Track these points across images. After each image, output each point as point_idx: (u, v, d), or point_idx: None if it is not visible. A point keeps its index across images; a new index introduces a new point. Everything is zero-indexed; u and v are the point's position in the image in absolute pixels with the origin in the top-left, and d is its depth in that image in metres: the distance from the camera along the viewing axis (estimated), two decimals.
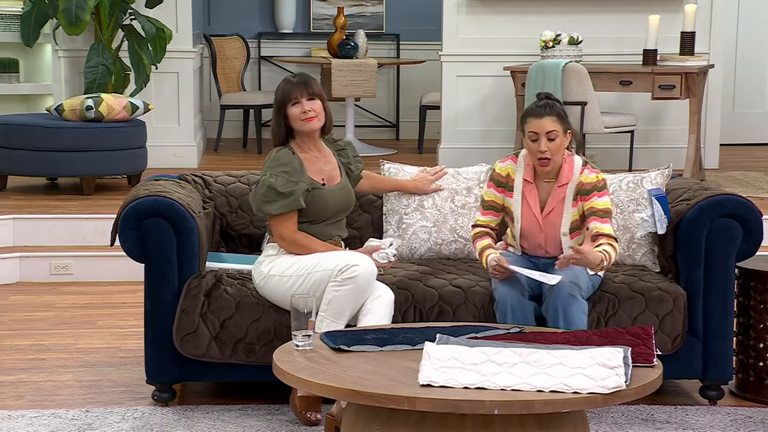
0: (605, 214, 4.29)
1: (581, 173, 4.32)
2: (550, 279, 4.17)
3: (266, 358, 4.23)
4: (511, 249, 4.47)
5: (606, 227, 4.28)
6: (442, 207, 4.76)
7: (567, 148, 4.35)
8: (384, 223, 4.80)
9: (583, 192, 4.31)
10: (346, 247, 4.49)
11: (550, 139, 4.25)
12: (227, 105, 9.80)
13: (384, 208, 4.81)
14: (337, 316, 4.18)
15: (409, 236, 4.74)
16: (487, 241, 4.41)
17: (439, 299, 4.39)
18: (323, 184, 4.39)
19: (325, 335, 3.70)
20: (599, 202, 4.29)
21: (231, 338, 4.32)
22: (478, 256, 4.42)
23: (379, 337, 3.68)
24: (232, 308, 4.33)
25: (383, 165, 4.86)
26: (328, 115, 4.44)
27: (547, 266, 4.34)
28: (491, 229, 4.46)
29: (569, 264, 4.16)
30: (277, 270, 4.30)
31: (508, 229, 4.47)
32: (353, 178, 4.58)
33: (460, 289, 4.42)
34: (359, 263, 4.18)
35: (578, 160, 4.37)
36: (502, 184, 4.40)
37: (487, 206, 4.44)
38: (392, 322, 4.25)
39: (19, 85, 8.72)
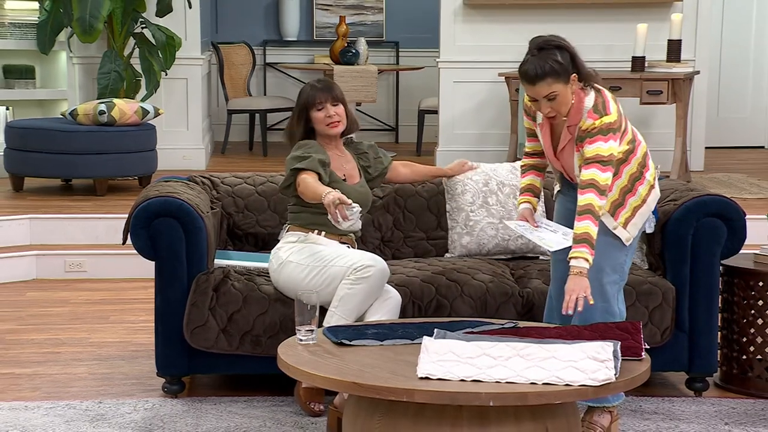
0: (591, 161, 3.80)
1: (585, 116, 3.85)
2: (550, 243, 3.94)
3: (272, 349, 4.25)
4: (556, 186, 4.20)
5: (587, 173, 3.80)
6: (506, 203, 4.78)
7: (582, 86, 3.88)
8: (449, 221, 4.84)
9: (579, 139, 3.88)
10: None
11: (551, 99, 3.82)
12: (234, 110, 9.81)
13: (447, 206, 4.85)
14: (348, 313, 4.19)
15: (477, 233, 4.77)
16: (529, 179, 4.15)
17: (436, 293, 4.45)
18: (344, 180, 4.47)
19: (328, 330, 3.72)
20: (588, 150, 3.82)
21: (239, 331, 4.35)
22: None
23: (379, 331, 3.69)
24: (239, 302, 4.36)
25: None
26: (351, 118, 4.53)
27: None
28: (538, 156, 4.16)
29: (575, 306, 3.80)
30: (296, 257, 4.32)
31: None
32: (372, 179, 4.64)
33: (456, 283, 4.47)
34: (374, 264, 4.21)
35: (589, 101, 3.88)
36: (529, 113, 4.06)
37: (528, 133, 4.13)
38: None
39: (36, 90, 8.71)
